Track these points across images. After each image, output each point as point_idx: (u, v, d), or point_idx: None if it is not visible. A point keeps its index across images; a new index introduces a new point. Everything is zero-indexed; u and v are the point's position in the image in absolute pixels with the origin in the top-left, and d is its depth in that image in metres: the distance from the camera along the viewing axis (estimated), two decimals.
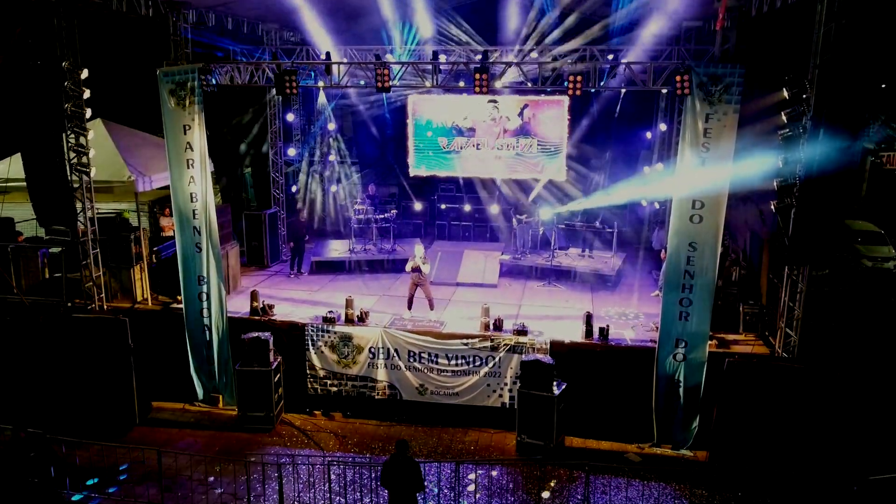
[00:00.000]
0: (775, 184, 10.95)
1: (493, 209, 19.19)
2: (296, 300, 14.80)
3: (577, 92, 11.65)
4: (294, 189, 18.38)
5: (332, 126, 19.71)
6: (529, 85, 12.66)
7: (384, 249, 17.29)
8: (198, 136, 12.76)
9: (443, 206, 19.93)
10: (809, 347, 11.31)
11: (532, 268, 16.50)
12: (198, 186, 12.94)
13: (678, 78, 11.06)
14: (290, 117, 17.67)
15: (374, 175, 20.44)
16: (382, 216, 17.46)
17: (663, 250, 13.23)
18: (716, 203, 11.25)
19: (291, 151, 18.07)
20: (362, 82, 15.67)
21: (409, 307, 13.72)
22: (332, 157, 19.98)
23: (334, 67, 13.14)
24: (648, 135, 17.92)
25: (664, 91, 15.85)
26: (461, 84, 18.81)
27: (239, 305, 14.11)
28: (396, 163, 20.11)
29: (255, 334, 12.54)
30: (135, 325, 13.05)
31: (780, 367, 11.18)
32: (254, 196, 18.53)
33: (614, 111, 17.32)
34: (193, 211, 13.06)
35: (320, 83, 13.63)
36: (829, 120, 9.90)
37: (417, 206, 19.76)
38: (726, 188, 11.20)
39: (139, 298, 14.14)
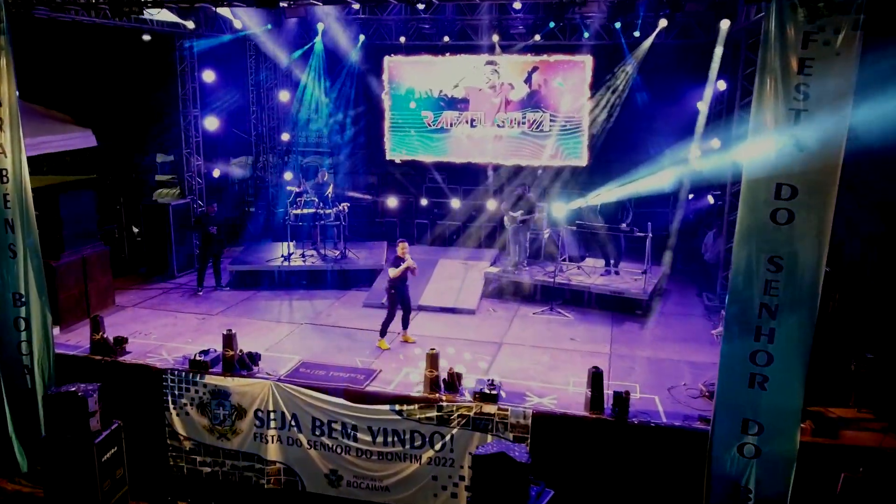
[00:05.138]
0: None
1: (491, 205, 14.47)
2: (184, 327, 10.38)
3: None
4: (216, 174, 13.82)
5: (285, 97, 15.31)
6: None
7: (330, 257, 12.69)
8: (6, 88, 8.63)
9: (424, 202, 15.27)
10: None
11: (530, 286, 11.66)
12: (8, 160, 8.73)
13: None
14: (210, 77, 13.00)
15: (348, 161, 15.89)
16: (330, 211, 12.76)
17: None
18: (819, 189, 6.46)
19: (211, 123, 13.23)
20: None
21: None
22: (285, 137, 15.51)
23: None
24: (702, 105, 12.69)
25: (724, 27, 10.79)
26: (445, 39, 14.30)
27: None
28: (369, 147, 15.64)
29: (71, 388, 8.07)
30: None
31: None
32: (172, 173, 13.97)
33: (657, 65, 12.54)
34: (4, 197, 8.81)
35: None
36: None
37: (392, 201, 15.11)
38: (839, 164, 6.36)
39: None
